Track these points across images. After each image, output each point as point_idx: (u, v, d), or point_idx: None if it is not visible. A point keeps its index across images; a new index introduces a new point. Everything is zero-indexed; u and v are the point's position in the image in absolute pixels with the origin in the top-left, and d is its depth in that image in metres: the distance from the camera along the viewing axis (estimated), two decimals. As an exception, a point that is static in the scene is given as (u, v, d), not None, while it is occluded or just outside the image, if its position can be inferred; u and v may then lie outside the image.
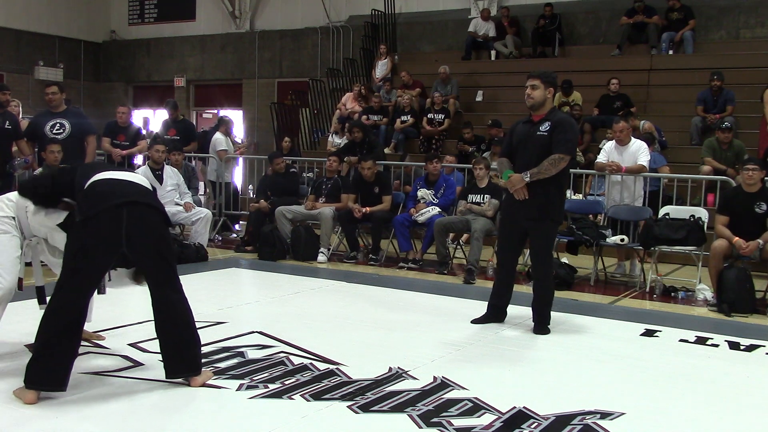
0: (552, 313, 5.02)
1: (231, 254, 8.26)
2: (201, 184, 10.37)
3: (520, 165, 4.85)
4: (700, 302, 6.30)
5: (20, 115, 8.67)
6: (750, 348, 4.72)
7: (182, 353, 3.50)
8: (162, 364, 3.55)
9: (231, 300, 5.71)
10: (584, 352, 4.49)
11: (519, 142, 4.93)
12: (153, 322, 3.50)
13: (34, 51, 16.80)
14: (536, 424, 3.21)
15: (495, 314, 5.09)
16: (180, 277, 3.54)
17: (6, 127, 7.08)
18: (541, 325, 4.90)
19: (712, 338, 4.89)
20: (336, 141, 11.39)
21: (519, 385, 3.77)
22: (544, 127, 4.78)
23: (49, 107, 7.58)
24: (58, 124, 7.38)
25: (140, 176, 3.75)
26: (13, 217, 3.77)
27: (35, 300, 5.39)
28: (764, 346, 4.75)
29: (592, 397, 3.59)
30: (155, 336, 4.38)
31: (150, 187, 3.67)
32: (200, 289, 5.79)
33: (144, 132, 11.66)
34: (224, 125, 10.90)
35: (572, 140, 4.84)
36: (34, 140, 7.45)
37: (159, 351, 3.57)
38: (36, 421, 3.07)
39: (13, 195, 3.84)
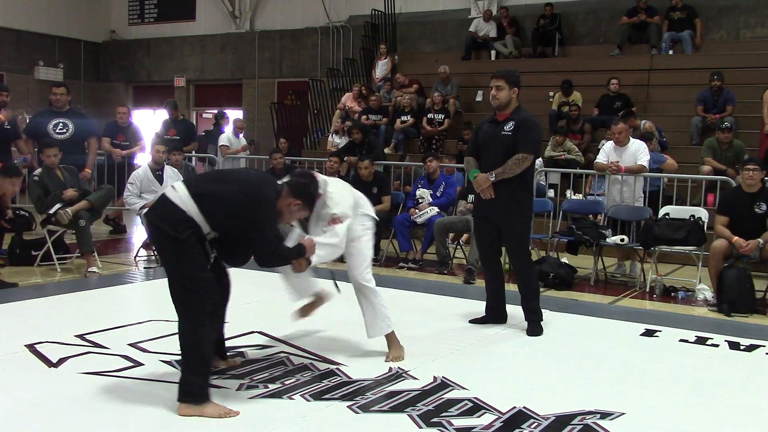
0: (552, 313, 5.03)
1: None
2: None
3: (485, 164, 4.87)
4: (700, 302, 6.30)
5: (26, 119, 8.70)
6: (750, 348, 4.72)
7: (181, 375, 3.30)
8: (164, 365, 3.54)
9: (231, 300, 5.68)
10: (584, 352, 4.48)
11: (484, 142, 4.95)
12: None
13: (34, 51, 16.79)
14: (536, 424, 3.21)
15: (494, 316, 5.09)
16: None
17: (5, 127, 7.10)
18: (534, 324, 4.87)
19: (712, 338, 4.89)
20: (336, 141, 11.38)
21: (519, 385, 3.77)
22: (509, 126, 4.80)
23: (53, 107, 7.62)
24: (61, 124, 7.42)
25: (181, 187, 3.36)
26: None
27: (34, 300, 5.43)
28: (764, 346, 4.75)
29: (592, 397, 3.59)
30: (156, 336, 4.42)
31: (181, 200, 3.30)
32: (200, 289, 5.78)
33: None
34: (234, 123, 10.93)
35: (536, 139, 4.87)
36: (36, 138, 7.46)
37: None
38: (36, 422, 3.07)
39: None
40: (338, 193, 3.94)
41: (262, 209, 3.37)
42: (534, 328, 4.85)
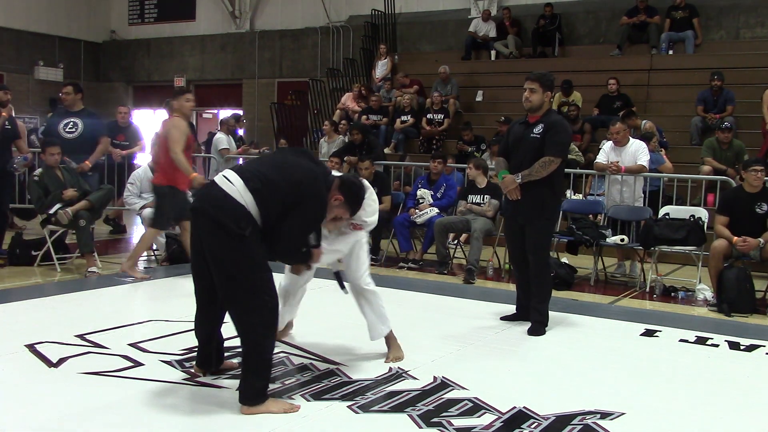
0: (552, 312, 5.03)
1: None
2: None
3: (514, 165, 4.93)
4: (700, 302, 6.30)
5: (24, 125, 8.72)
6: (750, 348, 4.71)
7: (242, 377, 3.32)
8: (164, 365, 3.54)
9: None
10: (584, 352, 4.49)
11: (514, 143, 5.01)
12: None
13: (34, 51, 16.79)
14: (536, 424, 3.21)
15: (524, 314, 5.12)
16: (179, 277, 3.52)
17: (6, 127, 7.11)
18: (538, 325, 4.88)
19: (712, 338, 4.89)
20: (323, 147, 10.85)
21: (519, 385, 3.77)
22: (538, 129, 4.85)
23: (65, 107, 7.70)
24: (71, 123, 7.48)
25: (237, 179, 3.21)
26: None
27: (34, 300, 5.42)
28: (764, 346, 4.75)
29: (592, 397, 3.59)
30: (156, 336, 4.42)
31: (239, 194, 3.18)
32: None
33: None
34: (225, 125, 10.95)
35: (564, 143, 4.90)
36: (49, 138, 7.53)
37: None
38: (36, 422, 3.07)
39: None
40: (372, 206, 3.92)
41: (312, 206, 3.27)
42: (536, 328, 4.86)
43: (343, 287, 4.14)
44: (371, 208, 3.91)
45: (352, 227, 3.88)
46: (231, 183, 3.20)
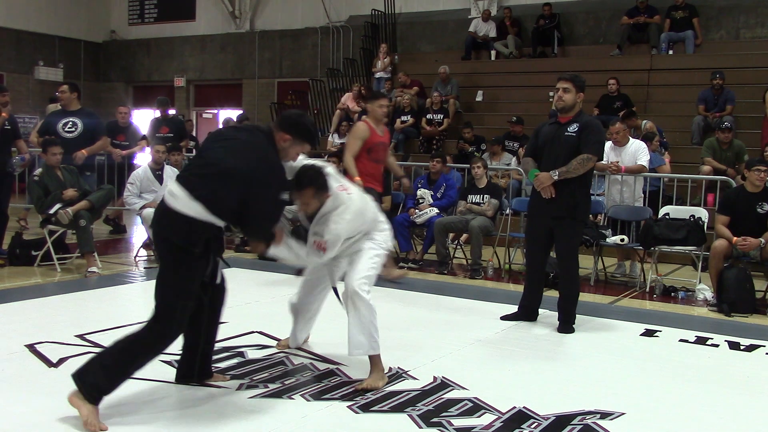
0: (552, 313, 5.04)
1: (231, 254, 8.25)
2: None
3: (547, 164, 4.89)
4: (700, 302, 6.30)
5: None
6: (750, 348, 4.72)
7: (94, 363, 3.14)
8: (164, 365, 3.53)
9: (231, 300, 5.64)
10: (584, 352, 4.49)
11: (545, 143, 4.98)
12: None
13: (34, 51, 16.78)
14: (536, 424, 3.21)
15: (526, 314, 5.14)
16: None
17: (5, 127, 7.10)
18: (567, 324, 4.93)
19: (712, 338, 4.89)
20: (336, 141, 11.41)
21: (519, 385, 3.77)
22: (573, 128, 4.84)
23: (62, 106, 7.71)
24: (70, 122, 7.50)
25: (180, 191, 3.14)
26: None
27: (34, 300, 5.42)
28: (764, 346, 4.75)
29: (592, 397, 3.59)
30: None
31: (186, 206, 3.11)
32: (200, 289, 5.78)
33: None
34: (225, 125, 11.00)
35: (601, 141, 4.94)
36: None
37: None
38: (36, 422, 3.07)
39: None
40: (353, 218, 3.62)
41: (268, 175, 3.17)
42: (565, 327, 4.92)
43: (299, 273, 3.99)
44: (338, 222, 3.55)
45: (315, 245, 3.56)
46: (175, 197, 3.11)
